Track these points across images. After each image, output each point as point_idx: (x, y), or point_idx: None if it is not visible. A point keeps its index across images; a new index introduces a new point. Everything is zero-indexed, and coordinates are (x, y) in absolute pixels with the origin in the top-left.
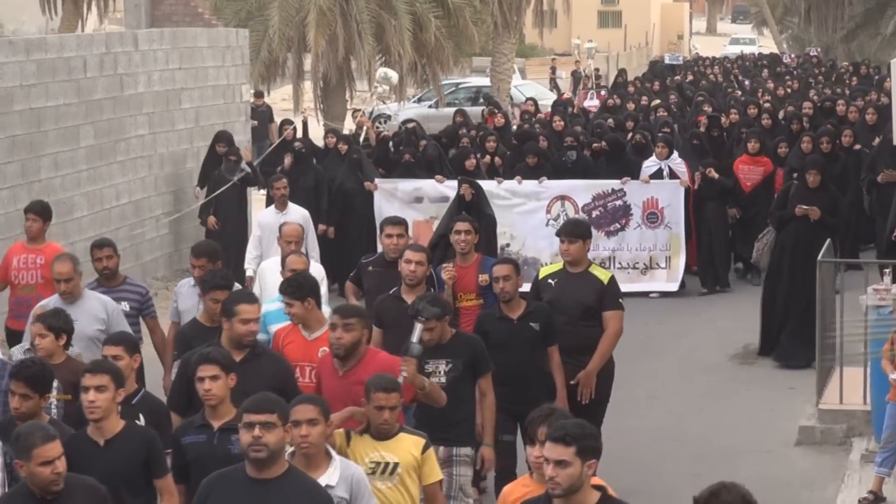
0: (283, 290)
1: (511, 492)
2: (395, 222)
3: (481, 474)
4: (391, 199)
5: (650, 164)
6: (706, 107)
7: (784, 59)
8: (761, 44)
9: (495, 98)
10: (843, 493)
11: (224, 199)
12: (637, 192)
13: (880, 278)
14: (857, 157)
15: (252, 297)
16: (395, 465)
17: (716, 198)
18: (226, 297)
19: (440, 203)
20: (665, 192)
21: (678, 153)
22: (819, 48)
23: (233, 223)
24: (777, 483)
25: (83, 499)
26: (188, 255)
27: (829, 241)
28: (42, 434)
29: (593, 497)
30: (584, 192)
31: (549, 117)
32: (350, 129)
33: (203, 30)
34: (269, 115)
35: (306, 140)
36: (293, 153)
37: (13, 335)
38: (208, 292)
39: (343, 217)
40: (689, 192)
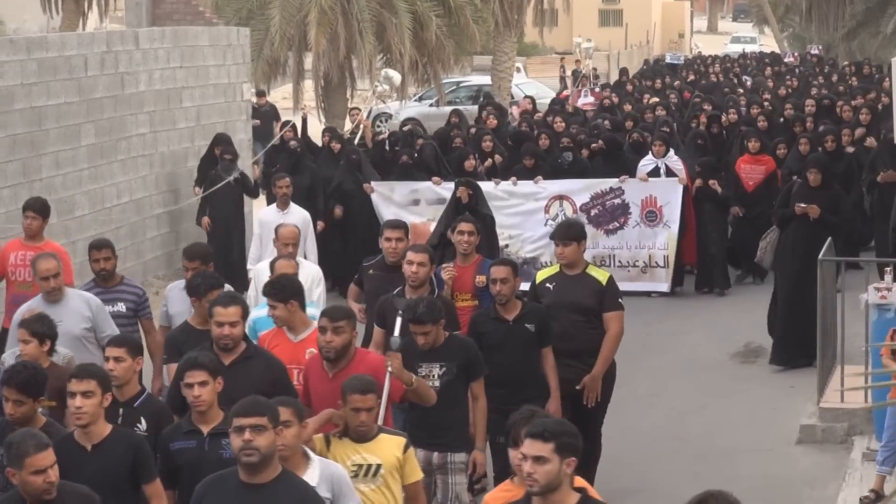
0: (265, 292)
1: (493, 498)
2: (395, 226)
3: (473, 479)
4: (388, 201)
5: (647, 162)
6: (706, 106)
7: (786, 58)
8: (762, 42)
9: (495, 97)
10: (844, 492)
11: (220, 200)
12: (635, 191)
13: (880, 277)
14: (857, 157)
15: (229, 299)
16: (378, 466)
17: (713, 200)
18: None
19: (437, 205)
20: (663, 190)
21: (679, 152)
22: (820, 46)
23: (230, 223)
24: (778, 482)
25: None
26: None
27: (829, 239)
28: (35, 443)
29: (573, 498)
30: (582, 191)
31: (542, 117)
32: (345, 130)
33: (204, 28)
34: (273, 115)
35: (303, 139)
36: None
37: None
38: (204, 295)
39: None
40: (688, 190)
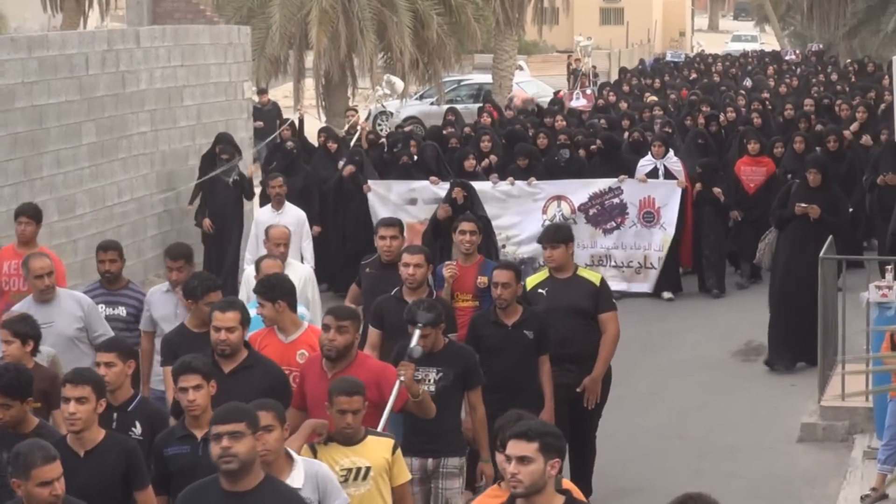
0: (255, 291)
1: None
2: (389, 224)
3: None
4: (384, 201)
5: (646, 162)
6: (704, 106)
7: (788, 56)
8: (763, 41)
9: (496, 95)
10: (845, 490)
11: (219, 200)
12: (634, 191)
13: (881, 276)
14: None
15: (228, 304)
16: (368, 469)
17: (713, 204)
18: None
19: (433, 205)
20: (662, 191)
21: (679, 153)
22: (821, 44)
23: (229, 223)
24: (779, 480)
25: None
26: None
27: (830, 238)
28: (42, 454)
29: (557, 500)
30: (580, 191)
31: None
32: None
33: (205, 27)
34: (276, 113)
35: (299, 139)
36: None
37: None
38: (201, 297)
39: (338, 217)
40: (687, 192)
